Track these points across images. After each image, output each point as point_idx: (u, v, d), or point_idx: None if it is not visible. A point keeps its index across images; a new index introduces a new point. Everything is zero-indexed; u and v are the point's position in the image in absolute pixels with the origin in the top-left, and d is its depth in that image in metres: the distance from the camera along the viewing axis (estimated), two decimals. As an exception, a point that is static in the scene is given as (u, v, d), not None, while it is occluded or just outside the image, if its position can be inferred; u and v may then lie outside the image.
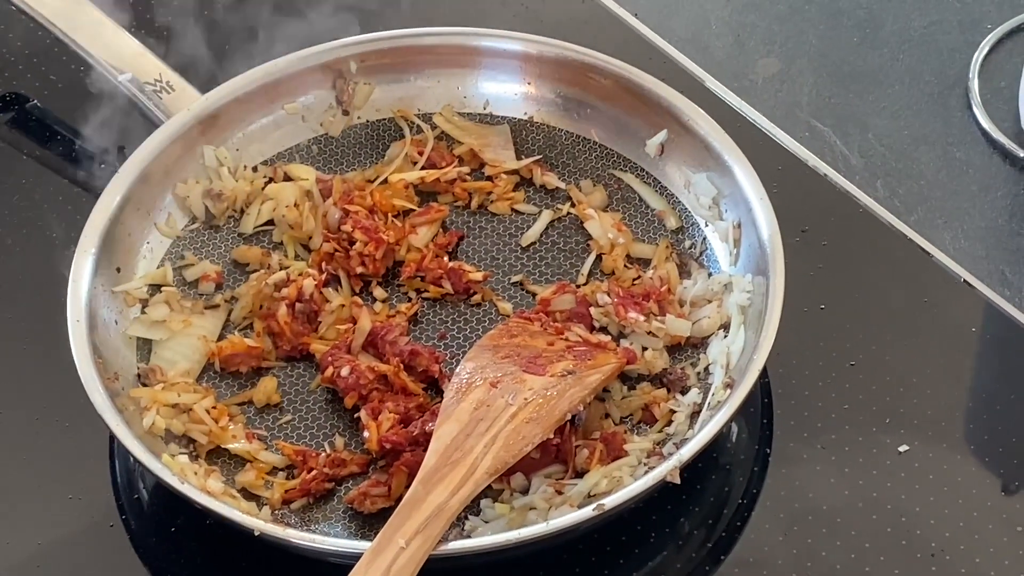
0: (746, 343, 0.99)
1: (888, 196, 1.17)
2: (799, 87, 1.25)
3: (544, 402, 0.95)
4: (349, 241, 1.07)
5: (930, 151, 1.20)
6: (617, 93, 1.13)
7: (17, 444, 1.03)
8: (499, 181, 1.13)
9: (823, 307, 1.07)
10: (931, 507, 0.97)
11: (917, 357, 1.05)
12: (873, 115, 1.23)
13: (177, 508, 0.97)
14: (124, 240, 1.05)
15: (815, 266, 1.09)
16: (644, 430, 0.99)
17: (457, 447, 0.92)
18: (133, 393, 0.99)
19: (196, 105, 1.11)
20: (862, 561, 0.95)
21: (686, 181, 1.10)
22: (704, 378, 1.01)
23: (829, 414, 1.02)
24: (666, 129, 1.10)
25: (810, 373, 1.04)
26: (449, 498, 0.88)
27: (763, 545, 0.96)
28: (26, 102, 1.24)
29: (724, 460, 1.00)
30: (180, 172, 1.10)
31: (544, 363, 0.98)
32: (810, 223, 1.11)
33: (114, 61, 1.14)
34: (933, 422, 1.01)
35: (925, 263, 1.11)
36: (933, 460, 0.99)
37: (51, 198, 1.16)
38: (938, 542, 0.96)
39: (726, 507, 0.99)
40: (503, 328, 1.02)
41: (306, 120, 1.15)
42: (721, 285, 1.04)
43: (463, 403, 0.94)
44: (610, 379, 0.99)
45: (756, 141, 1.16)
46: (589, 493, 0.94)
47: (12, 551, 0.98)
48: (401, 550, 0.86)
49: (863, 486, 0.98)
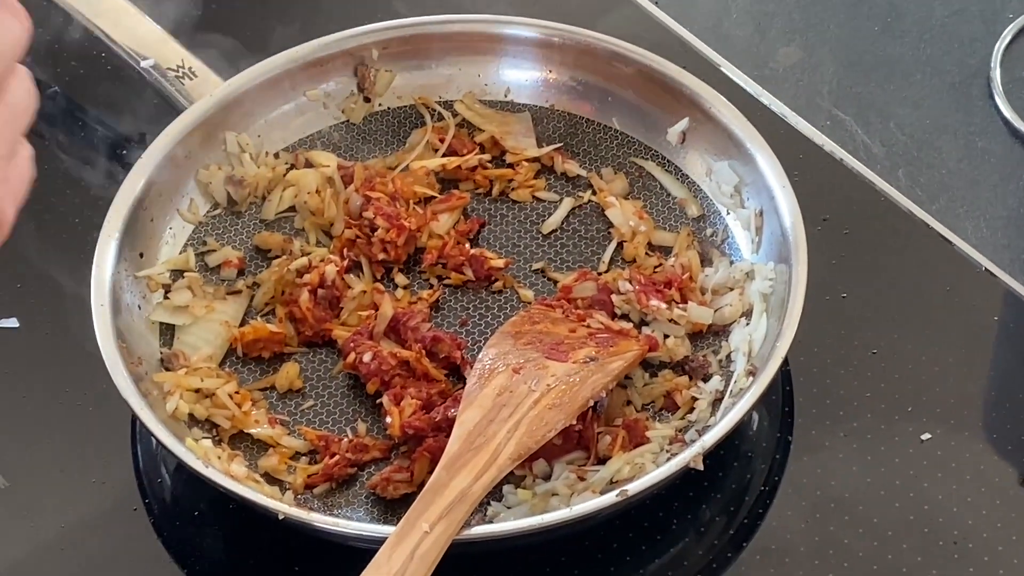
0: (768, 331, 0.99)
1: (910, 185, 1.17)
2: (820, 76, 1.25)
3: (567, 388, 0.95)
4: (371, 228, 1.07)
5: (952, 140, 1.20)
6: (638, 81, 1.12)
7: (40, 428, 1.03)
8: (520, 169, 1.13)
9: (844, 296, 1.07)
10: (953, 495, 0.97)
11: (939, 345, 1.05)
12: (895, 104, 1.23)
13: (200, 492, 0.97)
14: (147, 226, 1.06)
15: (836, 255, 1.09)
16: (666, 417, 1.00)
17: (480, 433, 0.92)
18: (156, 378, 0.99)
19: (218, 91, 1.11)
20: (884, 549, 0.95)
21: (708, 169, 1.10)
22: (726, 366, 1.01)
23: (851, 402, 1.02)
24: (688, 117, 1.10)
25: (831, 361, 1.04)
26: (472, 483, 0.89)
27: (785, 532, 0.96)
28: (48, 88, 1.24)
29: (745, 448, 1.00)
30: (202, 158, 1.10)
31: (566, 350, 0.98)
32: (831, 212, 1.11)
33: (136, 47, 1.14)
34: (955, 410, 1.01)
35: (947, 252, 1.11)
36: (955, 448, 0.99)
37: (73, 184, 1.17)
38: (960, 530, 0.96)
39: (747, 494, 0.99)
40: (525, 315, 1.02)
41: (327, 107, 1.15)
42: (743, 273, 1.04)
43: (486, 389, 0.95)
44: (632, 366, 0.99)
45: (777, 130, 1.16)
46: (611, 479, 0.94)
47: (35, 534, 0.98)
48: (425, 535, 0.86)
49: (885, 474, 0.98)
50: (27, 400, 1.04)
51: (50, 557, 0.97)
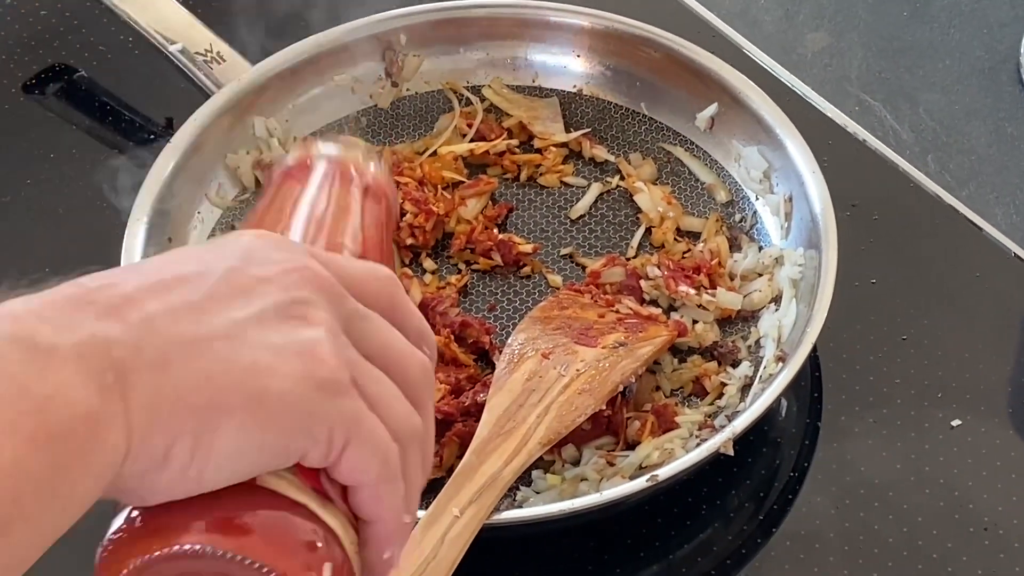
0: (798, 317, 0.99)
1: (939, 171, 1.17)
2: (849, 61, 1.25)
3: (596, 373, 0.95)
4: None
5: (981, 126, 1.20)
6: (667, 66, 1.12)
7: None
8: (548, 154, 1.13)
9: (874, 281, 1.07)
10: (984, 481, 0.97)
11: (968, 331, 1.04)
12: (923, 89, 1.22)
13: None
14: (176, 210, 1.06)
15: (866, 240, 1.09)
16: (695, 403, 0.99)
17: (510, 418, 0.92)
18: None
19: (246, 76, 1.11)
20: (914, 535, 0.95)
21: (736, 154, 1.09)
22: (755, 351, 1.01)
23: (880, 388, 1.02)
24: (716, 102, 1.10)
25: (860, 347, 1.04)
26: (502, 468, 0.89)
27: (814, 518, 0.96)
28: (74, 72, 1.24)
29: (774, 433, 1.00)
30: (231, 143, 1.10)
31: (595, 335, 0.98)
32: (860, 198, 1.11)
33: (164, 31, 1.14)
34: (985, 396, 1.01)
35: (976, 238, 1.10)
36: (985, 434, 0.99)
37: (101, 169, 1.16)
38: (991, 516, 0.95)
39: (776, 480, 0.98)
40: (553, 300, 1.02)
41: (355, 92, 1.15)
42: (772, 259, 1.04)
43: (515, 374, 0.95)
44: (661, 351, 0.99)
45: (805, 115, 1.15)
46: (641, 465, 0.94)
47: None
48: (455, 519, 0.86)
49: (915, 460, 0.98)
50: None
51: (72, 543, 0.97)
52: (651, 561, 0.95)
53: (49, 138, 1.19)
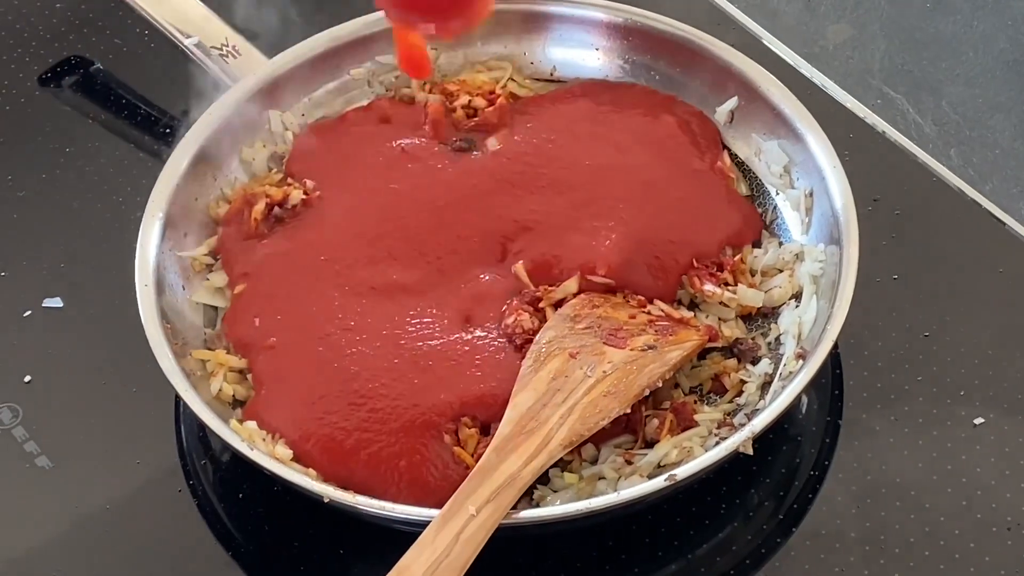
0: (818, 313, 0.98)
1: (962, 165, 1.16)
2: (871, 54, 1.24)
3: (623, 376, 0.94)
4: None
5: (1005, 119, 1.19)
6: (686, 60, 1.11)
7: (84, 409, 1.03)
8: (569, 147, 1.12)
9: (895, 277, 1.06)
10: (1007, 480, 0.96)
11: (992, 328, 1.03)
12: (947, 82, 1.21)
13: (244, 474, 0.97)
14: (191, 205, 1.05)
15: (888, 236, 1.08)
16: (714, 400, 0.98)
17: (532, 417, 0.91)
18: (196, 354, 0.98)
19: (262, 70, 1.10)
20: (936, 535, 0.94)
21: (757, 149, 1.08)
22: (775, 348, 1.00)
23: (902, 386, 1.01)
24: (736, 96, 1.09)
25: (882, 344, 1.03)
26: (522, 468, 0.88)
27: (835, 517, 0.95)
28: (90, 65, 1.23)
29: (794, 431, 0.99)
30: (246, 136, 1.09)
31: (625, 336, 0.97)
32: (882, 192, 1.10)
33: (180, 25, 1.14)
34: (1009, 394, 1.00)
35: (999, 233, 1.09)
36: (1009, 433, 0.98)
37: (117, 162, 1.16)
38: (1014, 516, 0.94)
39: (796, 479, 0.97)
40: (585, 298, 1.00)
41: (372, 85, 1.14)
42: (792, 254, 1.03)
43: (540, 372, 0.94)
44: (691, 356, 0.98)
45: (827, 108, 1.14)
46: (659, 463, 0.93)
47: (78, 515, 0.98)
48: (471, 517, 0.85)
49: (937, 459, 0.97)
50: (70, 380, 1.04)
51: (93, 538, 0.97)
52: (670, 560, 0.94)
53: (65, 131, 1.19)
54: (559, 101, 1.11)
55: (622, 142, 1.07)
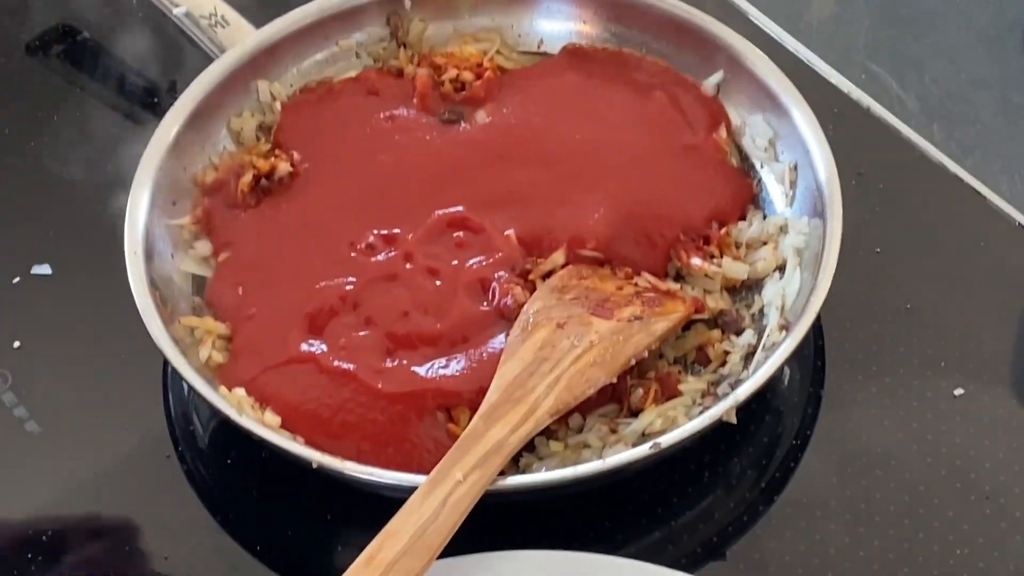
0: (802, 285, 0.99)
1: (944, 139, 1.17)
2: (855, 29, 1.24)
3: (610, 346, 0.95)
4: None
5: (987, 95, 1.19)
6: (672, 32, 1.12)
7: (73, 374, 1.03)
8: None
9: (878, 250, 1.07)
10: (986, 450, 0.97)
11: (972, 301, 1.04)
12: (930, 58, 1.22)
13: (232, 441, 0.98)
14: (180, 174, 1.05)
15: (871, 209, 1.09)
16: (698, 370, 0.99)
17: (520, 385, 0.92)
18: (185, 321, 0.99)
19: (251, 40, 1.10)
20: (916, 503, 0.95)
21: (742, 122, 1.09)
22: (758, 320, 1.01)
23: (883, 357, 1.02)
24: (722, 70, 1.10)
25: (864, 316, 1.04)
26: (509, 435, 0.88)
27: (816, 486, 0.96)
28: (78, 34, 1.23)
29: (776, 402, 1.00)
30: (234, 106, 1.10)
31: (612, 307, 0.98)
32: (866, 166, 1.11)
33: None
34: (988, 365, 1.01)
35: (981, 206, 1.10)
36: (988, 404, 0.99)
37: (105, 131, 1.16)
38: (992, 485, 0.95)
39: (778, 448, 0.99)
40: (573, 269, 1.00)
41: (360, 56, 1.14)
42: (776, 227, 1.04)
43: (528, 342, 0.94)
44: (677, 327, 0.99)
45: (811, 83, 1.15)
46: (643, 432, 0.94)
47: (67, 481, 0.98)
48: (458, 483, 0.86)
49: (917, 429, 0.98)
50: (59, 347, 1.05)
51: (82, 504, 0.98)
52: (653, 528, 0.95)
53: (52, 99, 1.19)
54: (547, 74, 1.12)
55: (611, 116, 1.08)
